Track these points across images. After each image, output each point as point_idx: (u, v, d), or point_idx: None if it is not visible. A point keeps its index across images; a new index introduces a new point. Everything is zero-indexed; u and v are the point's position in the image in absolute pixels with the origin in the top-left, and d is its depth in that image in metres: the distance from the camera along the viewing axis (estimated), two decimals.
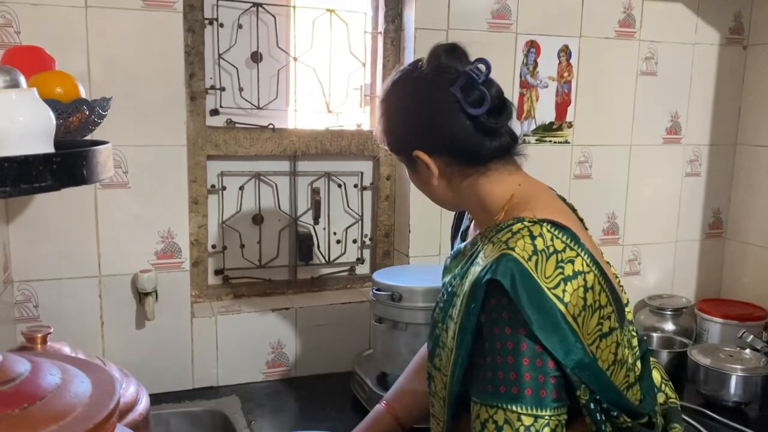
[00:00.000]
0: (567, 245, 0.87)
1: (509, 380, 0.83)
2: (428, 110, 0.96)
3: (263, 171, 1.83)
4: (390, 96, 1.03)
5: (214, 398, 1.66)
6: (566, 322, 0.83)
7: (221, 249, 1.83)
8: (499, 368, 0.83)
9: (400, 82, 1.02)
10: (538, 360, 0.83)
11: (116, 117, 1.50)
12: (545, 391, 0.83)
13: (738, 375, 1.61)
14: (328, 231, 1.94)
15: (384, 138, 1.05)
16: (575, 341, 0.83)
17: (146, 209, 1.59)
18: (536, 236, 0.86)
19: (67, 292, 1.56)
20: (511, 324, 0.83)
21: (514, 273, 0.83)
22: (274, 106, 1.81)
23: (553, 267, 0.84)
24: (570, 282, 0.84)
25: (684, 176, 2.14)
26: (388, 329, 1.56)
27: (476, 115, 0.94)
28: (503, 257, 0.84)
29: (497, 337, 0.84)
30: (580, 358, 0.83)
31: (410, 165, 1.03)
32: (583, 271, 0.86)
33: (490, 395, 0.84)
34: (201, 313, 1.72)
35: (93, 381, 0.51)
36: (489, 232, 0.95)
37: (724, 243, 2.22)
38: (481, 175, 0.98)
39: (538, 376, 0.83)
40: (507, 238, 0.87)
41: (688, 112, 2.10)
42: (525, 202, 0.95)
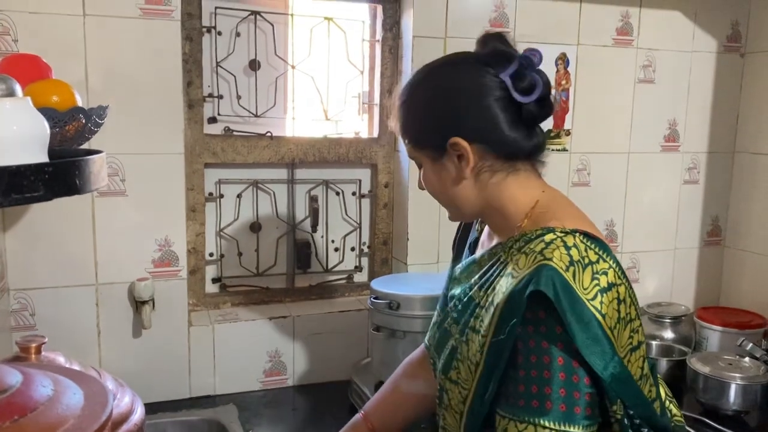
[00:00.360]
0: (600, 256, 0.85)
1: (543, 395, 0.81)
2: (473, 94, 0.93)
3: (261, 179, 1.83)
4: (426, 81, 0.98)
5: (211, 407, 1.65)
6: (605, 335, 0.81)
7: (219, 257, 1.83)
8: (533, 382, 0.82)
9: (441, 68, 0.97)
10: (574, 376, 0.81)
11: (114, 125, 1.50)
12: (579, 407, 0.81)
13: (737, 383, 1.60)
14: (326, 239, 1.93)
15: (411, 128, 0.99)
16: (613, 354, 0.82)
17: (143, 217, 1.59)
18: (570, 247, 0.84)
19: (64, 301, 1.55)
20: (548, 337, 0.82)
21: (556, 284, 0.80)
22: (272, 114, 1.81)
23: (589, 278, 0.83)
24: (606, 294, 0.83)
25: (682, 184, 2.14)
26: (386, 338, 1.55)
27: (525, 103, 0.92)
28: (543, 268, 0.82)
29: (533, 351, 0.82)
30: (619, 372, 0.82)
31: (436, 159, 0.96)
32: (616, 283, 0.85)
33: (521, 409, 0.82)
34: (198, 322, 1.72)
35: (86, 392, 0.50)
36: (514, 242, 0.92)
37: (723, 251, 2.22)
38: (510, 174, 0.95)
39: (573, 392, 0.81)
40: (541, 249, 0.84)
41: (686, 120, 2.10)
42: (551, 211, 0.93)
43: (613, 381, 0.82)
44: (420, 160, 1.00)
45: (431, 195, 1.03)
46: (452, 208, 1.02)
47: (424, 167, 0.99)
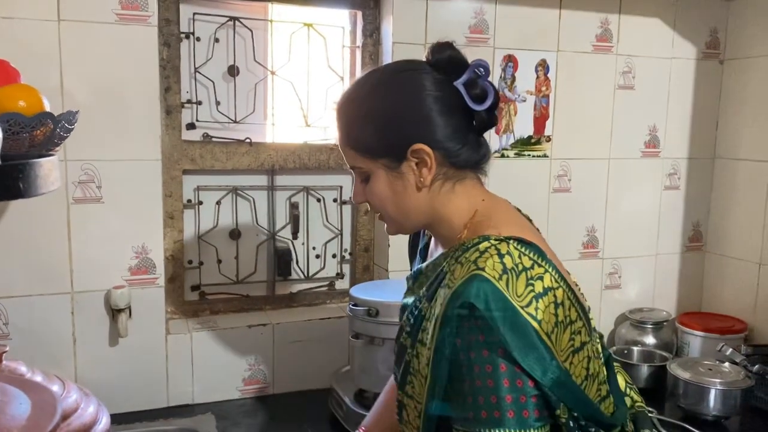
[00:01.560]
0: (535, 262, 0.86)
1: (490, 404, 0.80)
2: (435, 101, 0.92)
3: (240, 185, 1.82)
4: (386, 87, 0.95)
5: (189, 416, 1.63)
6: (541, 341, 0.81)
7: (198, 264, 1.81)
8: (478, 393, 0.81)
9: (401, 73, 0.95)
10: (518, 380, 0.81)
11: (90, 131, 1.50)
12: (527, 411, 0.81)
13: (717, 389, 1.60)
14: (306, 246, 1.92)
15: (365, 137, 0.95)
16: (551, 359, 0.82)
17: (120, 224, 1.57)
18: (504, 254, 0.84)
19: (39, 309, 1.53)
20: (487, 346, 0.81)
21: (488, 293, 0.81)
22: (251, 120, 1.80)
23: (523, 285, 0.83)
24: (541, 299, 0.83)
25: (663, 189, 2.14)
26: (364, 345, 1.54)
27: (477, 111, 0.93)
28: (474, 278, 0.82)
29: (474, 361, 0.81)
30: (557, 376, 0.82)
31: (392, 168, 0.94)
32: (553, 287, 0.85)
33: (472, 421, 0.82)
34: (176, 330, 1.70)
35: (33, 402, 0.49)
36: (454, 251, 0.92)
37: (704, 256, 2.23)
38: (457, 182, 0.96)
39: (519, 396, 0.81)
40: (475, 258, 0.85)
41: (666, 126, 2.11)
42: (488, 219, 0.94)
43: (554, 385, 0.82)
44: (369, 170, 0.96)
45: (375, 208, 1.00)
46: (398, 221, 0.99)
47: (374, 178, 0.96)
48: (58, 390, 0.92)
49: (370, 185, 0.97)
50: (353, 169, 0.99)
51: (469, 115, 0.94)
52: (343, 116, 0.98)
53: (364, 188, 0.98)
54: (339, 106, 0.99)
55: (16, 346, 1.48)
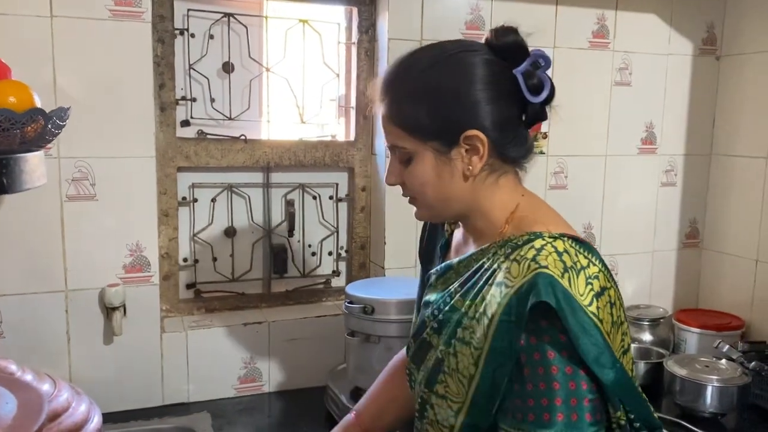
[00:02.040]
0: (590, 260, 0.83)
1: (553, 407, 0.79)
2: (494, 86, 0.88)
3: (236, 183, 1.81)
4: (443, 66, 0.89)
5: (185, 415, 1.62)
6: (605, 341, 0.80)
7: (193, 262, 1.80)
8: (541, 395, 0.79)
9: (459, 54, 0.90)
10: (583, 383, 0.80)
11: (83, 128, 1.49)
12: (588, 414, 0.80)
13: (714, 386, 1.59)
14: (302, 243, 1.91)
15: (417, 116, 0.89)
16: (614, 361, 0.80)
17: (114, 222, 1.56)
18: (562, 252, 0.82)
19: (33, 308, 1.52)
20: (554, 347, 0.79)
21: (557, 292, 0.78)
22: (246, 117, 1.79)
23: (584, 284, 0.80)
24: (600, 298, 0.81)
25: (660, 186, 2.14)
26: (360, 343, 1.53)
27: (531, 103, 0.89)
28: (539, 276, 0.79)
29: (539, 363, 0.80)
30: (621, 377, 0.81)
31: (442, 152, 0.89)
32: (607, 287, 0.83)
33: (530, 424, 0.80)
34: (171, 328, 1.69)
35: (20, 401, 0.48)
36: (498, 247, 0.89)
37: (701, 253, 2.22)
38: (501, 175, 0.93)
39: (583, 399, 0.79)
40: (533, 255, 0.82)
41: (663, 123, 2.11)
42: (533, 216, 0.91)
43: (616, 387, 0.81)
44: (414, 151, 0.90)
45: (411, 191, 0.94)
46: (436, 207, 0.94)
47: (419, 160, 0.90)
48: (48, 389, 0.91)
49: (412, 167, 0.91)
50: (394, 148, 0.93)
51: (521, 106, 0.90)
52: (393, 91, 0.92)
53: (401, 169, 0.93)
54: (389, 81, 0.93)
55: (9, 345, 1.48)
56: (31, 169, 0.62)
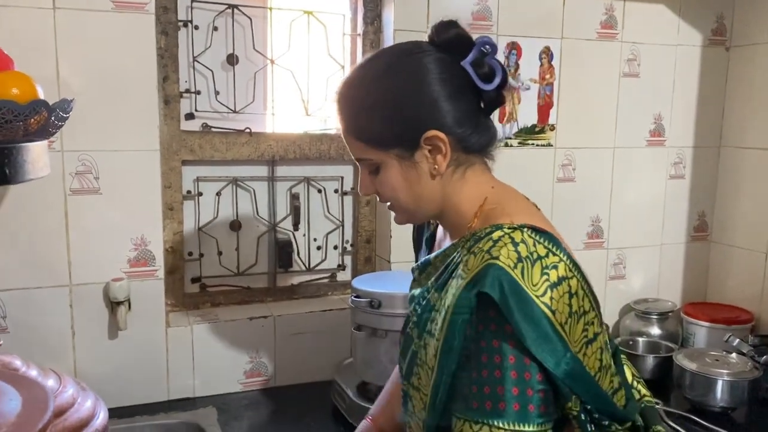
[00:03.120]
0: (549, 250, 0.83)
1: (496, 395, 0.79)
2: (445, 83, 0.89)
3: (240, 176, 1.79)
4: (391, 73, 0.90)
5: (191, 410, 1.61)
6: (555, 331, 0.79)
7: (198, 256, 1.79)
8: (485, 383, 0.79)
9: (406, 58, 0.91)
10: (526, 373, 0.79)
11: (86, 121, 1.47)
12: (533, 405, 0.79)
13: (724, 380, 1.58)
14: (308, 237, 1.90)
15: (374, 127, 0.90)
16: (565, 351, 0.80)
17: (118, 216, 1.55)
18: (518, 243, 0.82)
19: (37, 302, 1.51)
20: (498, 336, 0.79)
21: (503, 283, 0.78)
22: (251, 110, 1.77)
23: (539, 274, 0.80)
24: (556, 288, 0.81)
25: (668, 179, 2.12)
26: (367, 337, 1.52)
27: (486, 91, 0.90)
28: (489, 267, 0.80)
29: (483, 350, 0.80)
30: (571, 368, 0.80)
31: (405, 157, 0.90)
32: (567, 277, 0.82)
33: (474, 411, 0.80)
34: (176, 323, 1.68)
35: (24, 398, 0.47)
36: (465, 241, 0.90)
37: (710, 246, 2.20)
38: (468, 168, 0.93)
39: (526, 390, 0.79)
40: (489, 247, 0.82)
41: (671, 114, 2.09)
42: (500, 207, 0.91)
43: (567, 377, 0.80)
44: (379, 161, 0.92)
45: (385, 198, 0.95)
46: (410, 210, 0.95)
47: (385, 169, 0.92)
48: (53, 385, 0.90)
49: (381, 176, 0.93)
50: (360, 161, 0.94)
51: (476, 95, 0.91)
52: (346, 107, 0.93)
53: (372, 179, 0.94)
54: (341, 96, 0.94)
55: (14, 340, 1.47)
56: (34, 159, 0.61)
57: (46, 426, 0.44)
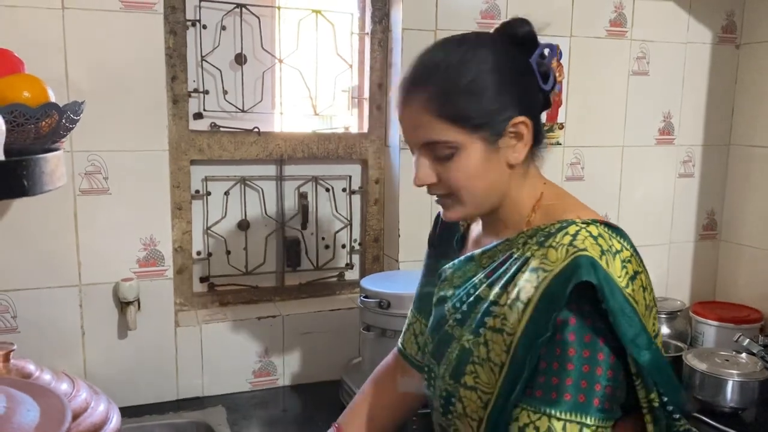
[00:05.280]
0: (622, 245, 0.84)
1: (579, 388, 0.80)
2: (522, 75, 0.90)
3: (249, 176, 1.79)
4: (481, 56, 0.88)
5: (199, 409, 1.62)
6: (641, 323, 0.80)
7: (206, 256, 1.79)
8: (569, 375, 0.80)
9: (492, 45, 0.90)
10: (598, 368, 0.80)
11: (96, 122, 1.47)
12: (598, 400, 0.80)
13: (734, 380, 1.57)
14: (316, 236, 1.90)
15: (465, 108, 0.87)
16: (650, 341, 0.80)
17: (127, 216, 1.55)
18: (596, 237, 0.82)
19: (47, 302, 1.51)
20: (593, 331, 0.80)
21: (598, 273, 0.79)
22: (259, 109, 1.77)
23: (619, 267, 0.81)
24: (634, 282, 0.82)
25: (677, 177, 2.11)
26: (376, 337, 1.52)
27: (544, 90, 0.91)
28: (580, 258, 0.80)
29: (572, 344, 0.80)
30: (656, 358, 0.81)
31: (491, 142, 0.88)
32: (639, 271, 0.84)
33: (553, 403, 0.80)
34: (185, 322, 1.68)
35: (42, 408, 0.47)
36: (527, 237, 0.89)
37: (719, 245, 2.19)
38: (531, 162, 0.93)
39: (595, 384, 0.80)
40: (570, 241, 0.82)
41: (680, 113, 2.07)
42: (561, 203, 0.92)
43: (652, 368, 0.80)
44: (460, 145, 0.87)
45: (454, 187, 0.89)
46: (477, 202, 0.91)
47: (466, 154, 0.87)
48: (67, 389, 0.90)
49: (456, 162, 0.88)
50: (430, 145, 0.89)
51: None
52: (435, 84, 0.88)
53: (436, 167, 0.89)
54: (428, 74, 0.89)
55: (24, 340, 1.47)
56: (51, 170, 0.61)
57: None
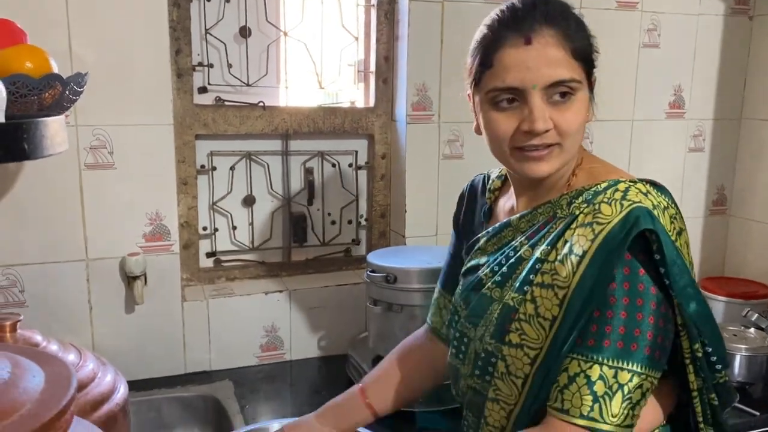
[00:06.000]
0: (668, 203, 0.86)
1: (632, 336, 0.81)
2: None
3: (254, 150, 1.78)
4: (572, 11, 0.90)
5: (207, 383, 1.62)
6: (690, 275, 0.83)
7: (212, 231, 1.79)
8: (621, 323, 0.81)
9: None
10: (661, 320, 0.82)
11: (100, 95, 1.46)
12: (660, 352, 0.82)
13: (742, 354, 1.57)
14: (322, 212, 1.89)
15: (586, 49, 0.88)
16: (696, 292, 0.83)
17: (133, 191, 1.54)
18: (646, 193, 0.84)
19: (54, 277, 1.52)
20: (645, 280, 0.82)
21: (656, 225, 0.81)
22: (264, 83, 1.75)
23: (668, 222, 0.83)
24: (680, 237, 0.85)
25: (687, 152, 2.08)
26: (382, 312, 1.52)
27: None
28: (636, 209, 0.81)
29: (626, 293, 0.82)
30: (704, 309, 0.84)
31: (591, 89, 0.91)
32: (683, 229, 0.87)
33: (604, 350, 0.81)
34: (192, 297, 1.68)
35: (47, 374, 0.47)
36: (572, 198, 0.90)
37: (728, 220, 2.17)
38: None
39: (658, 336, 0.82)
40: (622, 196, 0.84)
41: (691, 86, 2.04)
42: (602, 166, 0.94)
43: (699, 319, 0.83)
44: (581, 87, 0.87)
45: (566, 134, 0.86)
46: (571, 154, 0.90)
47: (581, 97, 0.87)
48: (74, 359, 0.91)
49: (573, 105, 0.86)
50: (555, 85, 0.85)
51: None
52: (572, 20, 0.88)
53: (549, 111, 0.86)
54: (560, 11, 0.88)
55: (32, 314, 1.48)
56: (52, 134, 0.60)
57: (70, 402, 0.44)
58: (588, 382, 0.82)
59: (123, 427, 0.89)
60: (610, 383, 0.81)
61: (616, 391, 0.81)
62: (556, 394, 0.84)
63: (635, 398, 0.82)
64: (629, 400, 0.81)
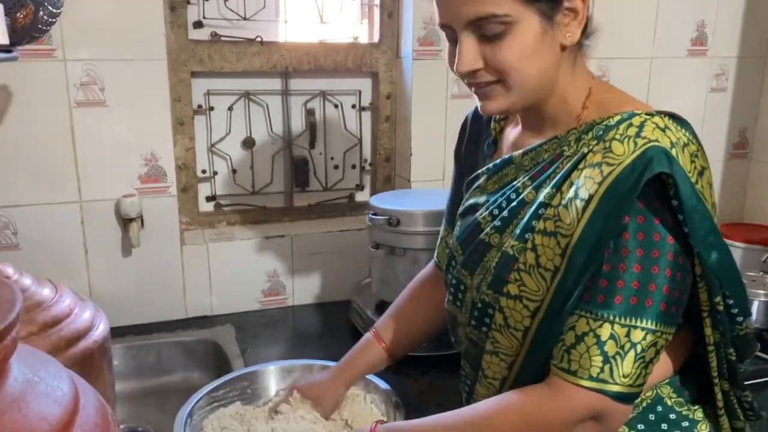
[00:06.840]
0: (689, 139, 0.77)
1: (646, 292, 0.74)
2: None
3: (253, 90, 1.71)
4: None
5: (209, 327, 1.60)
6: (713, 221, 0.75)
7: (211, 174, 1.73)
8: (635, 278, 0.74)
9: None
10: (678, 273, 0.75)
11: (88, 28, 1.40)
12: (676, 307, 0.76)
13: (761, 300, 1.51)
14: (325, 155, 1.82)
15: None
16: (719, 241, 0.75)
17: (126, 130, 1.49)
18: (664, 128, 0.75)
19: (47, 219, 1.48)
20: (661, 230, 0.74)
21: (673, 167, 0.72)
22: (261, 17, 1.66)
23: (689, 161, 0.75)
24: (702, 178, 0.76)
25: (709, 92, 1.98)
26: (385, 255, 1.47)
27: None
28: (652, 150, 0.73)
29: (640, 244, 0.74)
30: (726, 258, 0.76)
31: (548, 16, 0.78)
32: (706, 167, 0.78)
33: (615, 307, 0.74)
34: (192, 241, 1.64)
35: None
36: (581, 133, 0.81)
37: (749, 164, 2.09)
38: (580, 52, 0.85)
39: (675, 291, 0.75)
40: (636, 132, 0.75)
41: (715, 22, 1.93)
42: (616, 97, 0.84)
43: (721, 269, 0.76)
44: (515, 18, 0.77)
45: (503, 71, 0.79)
46: (525, 90, 0.81)
47: (520, 29, 0.77)
48: (48, 294, 0.86)
49: (508, 40, 0.78)
50: (481, 21, 0.78)
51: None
52: None
53: (483, 49, 0.79)
54: None
55: (25, 257, 1.45)
56: None
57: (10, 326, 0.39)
58: (598, 341, 0.75)
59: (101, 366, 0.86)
60: (622, 342, 0.74)
61: (628, 351, 0.74)
62: (562, 353, 0.78)
63: (648, 356, 0.75)
64: (642, 359, 0.75)
